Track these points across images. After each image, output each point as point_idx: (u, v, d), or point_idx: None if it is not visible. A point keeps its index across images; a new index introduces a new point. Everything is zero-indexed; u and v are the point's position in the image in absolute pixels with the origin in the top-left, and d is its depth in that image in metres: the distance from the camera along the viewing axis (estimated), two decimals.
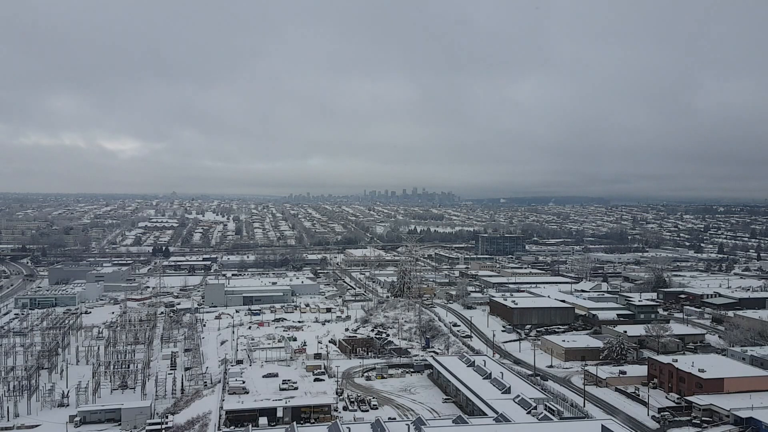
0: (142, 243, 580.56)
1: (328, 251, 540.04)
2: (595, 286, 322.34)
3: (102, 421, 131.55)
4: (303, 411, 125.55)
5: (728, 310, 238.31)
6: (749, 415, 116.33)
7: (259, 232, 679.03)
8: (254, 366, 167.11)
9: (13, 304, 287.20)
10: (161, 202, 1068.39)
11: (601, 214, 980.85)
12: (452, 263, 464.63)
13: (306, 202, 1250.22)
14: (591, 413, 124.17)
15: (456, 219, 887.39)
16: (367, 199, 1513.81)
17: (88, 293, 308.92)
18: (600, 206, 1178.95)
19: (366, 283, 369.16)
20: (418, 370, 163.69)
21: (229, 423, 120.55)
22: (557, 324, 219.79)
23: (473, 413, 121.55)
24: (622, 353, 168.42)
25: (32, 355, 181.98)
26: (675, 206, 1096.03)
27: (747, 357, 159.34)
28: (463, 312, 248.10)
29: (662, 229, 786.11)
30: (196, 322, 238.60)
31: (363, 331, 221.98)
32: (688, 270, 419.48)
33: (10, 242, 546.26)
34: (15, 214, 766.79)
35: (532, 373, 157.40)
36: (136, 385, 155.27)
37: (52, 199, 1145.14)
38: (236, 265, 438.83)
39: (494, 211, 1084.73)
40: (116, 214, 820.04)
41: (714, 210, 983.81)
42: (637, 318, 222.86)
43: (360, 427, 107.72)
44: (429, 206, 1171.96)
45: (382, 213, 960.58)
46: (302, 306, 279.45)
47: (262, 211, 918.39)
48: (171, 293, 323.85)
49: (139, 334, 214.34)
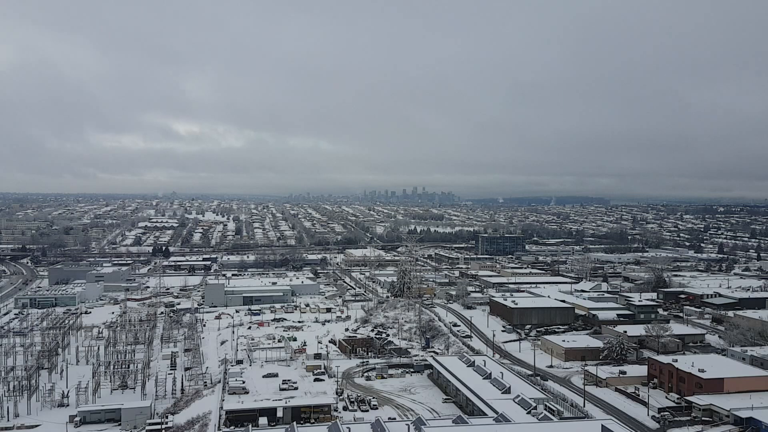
0: (142, 243, 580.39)
1: (328, 251, 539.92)
2: (595, 286, 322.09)
3: (102, 421, 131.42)
4: (303, 411, 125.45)
5: (728, 310, 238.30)
6: (749, 415, 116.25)
7: (259, 232, 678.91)
8: (254, 366, 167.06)
9: (13, 304, 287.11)
10: (161, 202, 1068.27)
11: (601, 214, 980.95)
12: (452, 263, 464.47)
13: (306, 202, 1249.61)
14: (591, 413, 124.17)
15: (456, 219, 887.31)
16: (367, 199, 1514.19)
17: (88, 293, 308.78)
18: (600, 206, 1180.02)
19: (366, 283, 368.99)
20: (418, 370, 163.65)
21: (229, 423, 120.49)
22: (557, 324, 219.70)
23: (473, 413, 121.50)
24: (622, 353, 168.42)
25: (32, 355, 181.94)
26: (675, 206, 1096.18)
27: (747, 357, 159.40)
28: (463, 312, 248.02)
29: (662, 229, 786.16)
30: (196, 322, 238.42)
31: (363, 331, 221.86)
32: (688, 270, 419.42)
33: (10, 242, 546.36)
34: (15, 214, 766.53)
35: (532, 373, 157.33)
36: (136, 385, 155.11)
37: (52, 199, 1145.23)
38: (236, 265, 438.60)
39: (494, 211, 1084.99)
40: (116, 214, 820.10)
41: (714, 210, 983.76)
42: (637, 318, 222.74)
43: (360, 427, 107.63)
44: (429, 206, 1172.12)
45: (382, 213, 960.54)
46: (302, 306, 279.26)
47: (262, 211, 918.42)
48: (171, 293, 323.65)
49: (139, 334, 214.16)
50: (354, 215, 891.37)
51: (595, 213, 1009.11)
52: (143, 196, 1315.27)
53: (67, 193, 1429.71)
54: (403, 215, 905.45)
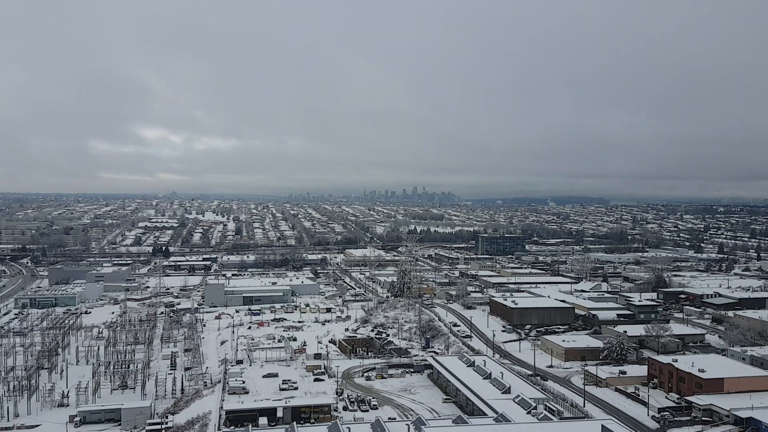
0: (142, 243, 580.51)
1: (328, 251, 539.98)
2: (595, 286, 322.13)
3: (102, 421, 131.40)
4: (303, 411, 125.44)
5: (728, 310, 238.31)
6: (749, 415, 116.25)
7: (259, 232, 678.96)
8: (254, 366, 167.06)
9: (13, 304, 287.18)
10: (161, 202, 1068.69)
11: (601, 214, 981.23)
12: (452, 263, 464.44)
13: (306, 202, 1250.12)
14: (591, 413, 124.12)
15: (456, 219, 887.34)
16: (367, 199, 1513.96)
17: (88, 293, 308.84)
18: (600, 206, 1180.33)
19: (366, 283, 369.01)
20: (418, 370, 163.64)
21: (229, 423, 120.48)
22: (557, 324, 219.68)
23: (473, 413, 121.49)
24: (622, 353, 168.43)
25: (32, 355, 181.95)
26: (675, 206, 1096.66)
27: (747, 357, 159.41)
28: (463, 312, 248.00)
29: (662, 229, 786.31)
30: (196, 322, 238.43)
31: (363, 331, 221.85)
32: (688, 270, 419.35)
33: (10, 242, 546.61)
34: (15, 214, 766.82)
35: (532, 373, 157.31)
36: (136, 385, 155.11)
37: (52, 199, 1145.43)
38: (236, 265, 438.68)
39: (494, 211, 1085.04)
40: (116, 214, 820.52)
41: (714, 210, 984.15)
42: (637, 318, 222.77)
43: (360, 427, 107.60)
44: (429, 206, 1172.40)
45: (382, 213, 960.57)
46: (302, 306, 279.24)
47: (262, 211, 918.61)
48: (171, 293, 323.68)
49: (139, 334, 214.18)
50: (354, 215, 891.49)
51: (595, 213, 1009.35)
52: (143, 196, 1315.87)
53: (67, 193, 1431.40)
54: (403, 215, 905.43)
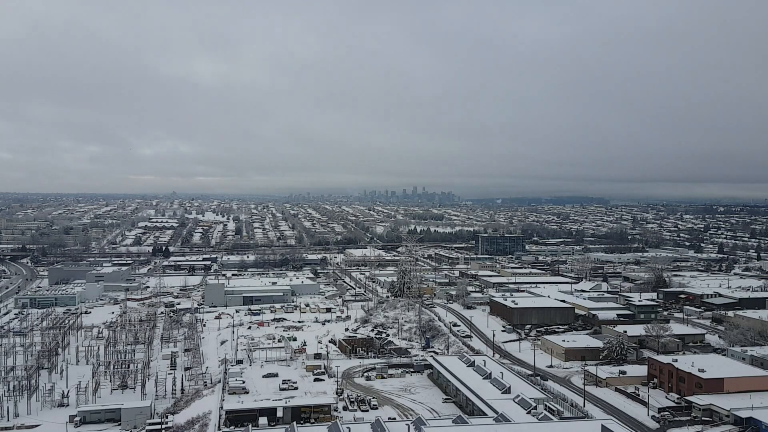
0: (142, 243, 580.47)
1: (328, 251, 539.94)
2: (595, 286, 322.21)
3: (102, 421, 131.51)
4: (303, 411, 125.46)
5: (728, 310, 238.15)
6: (749, 415, 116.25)
7: (259, 232, 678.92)
8: (254, 366, 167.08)
9: (13, 304, 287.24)
10: (161, 202, 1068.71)
11: (601, 214, 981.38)
12: (452, 263, 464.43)
13: (306, 202, 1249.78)
14: (591, 413, 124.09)
15: (456, 219, 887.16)
16: (367, 199, 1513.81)
17: (88, 293, 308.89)
18: (600, 206, 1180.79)
19: (366, 283, 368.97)
20: (418, 370, 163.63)
21: (229, 423, 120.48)
22: (557, 324, 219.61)
23: (473, 413, 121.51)
24: (622, 353, 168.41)
25: (32, 355, 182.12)
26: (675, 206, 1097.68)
27: (747, 357, 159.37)
28: (463, 312, 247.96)
29: (662, 229, 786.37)
30: (196, 322, 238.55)
31: (363, 331, 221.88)
32: (688, 270, 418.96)
33: (10, 242, 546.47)
34: (15, 214, 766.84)
35: (532, 373, 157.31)
36: (136, 385, 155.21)
37: (52, 199, 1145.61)
38: (236, 265, 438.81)
39: (494, 211, 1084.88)
40: (116, 214, 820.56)
41: (714, 210, 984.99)
42: (637, 318, 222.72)
43: (360, 427, 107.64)
44: (429, 206, 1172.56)
45: (382, 213, 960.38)
46: (302, 306, 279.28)
47: (262, 211, 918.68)
48: (171, 293, 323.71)
49: (139, 334, 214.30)
50: (354, 215, 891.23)
51: (595, 213, 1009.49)
52: (143, 196, 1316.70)
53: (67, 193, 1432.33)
54: (403, 215, 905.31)
